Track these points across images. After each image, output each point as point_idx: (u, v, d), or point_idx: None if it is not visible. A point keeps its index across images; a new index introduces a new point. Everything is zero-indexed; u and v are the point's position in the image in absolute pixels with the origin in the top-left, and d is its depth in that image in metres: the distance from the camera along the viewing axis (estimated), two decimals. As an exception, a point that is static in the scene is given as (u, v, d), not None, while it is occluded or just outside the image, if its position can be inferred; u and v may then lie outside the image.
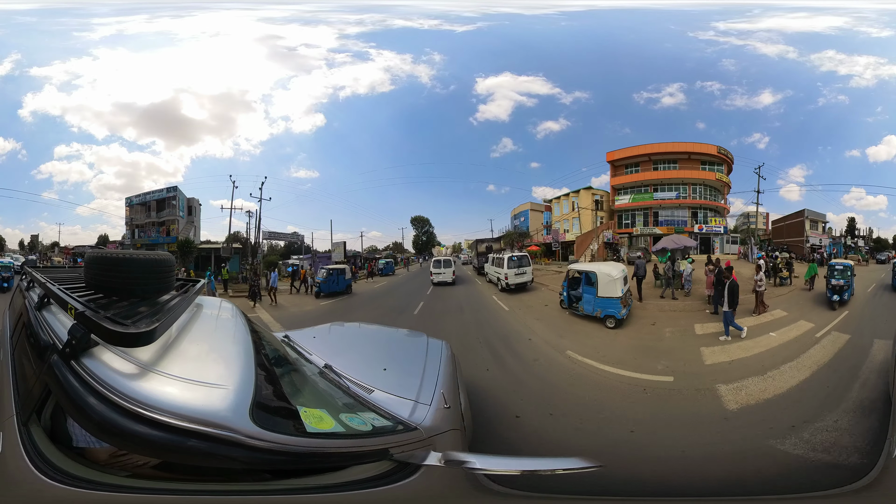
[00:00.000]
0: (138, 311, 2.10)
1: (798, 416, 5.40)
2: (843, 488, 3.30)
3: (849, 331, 9.13)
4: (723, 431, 5.42)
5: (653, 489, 4.04)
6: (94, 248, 28.98)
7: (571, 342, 9.59)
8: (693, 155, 26.41)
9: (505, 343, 9.62)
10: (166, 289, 2.66)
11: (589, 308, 11.13)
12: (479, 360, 8.10)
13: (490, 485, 2.17)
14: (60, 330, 1.83)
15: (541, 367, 8.09)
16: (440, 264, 21.50)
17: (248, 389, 1.70)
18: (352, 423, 2.03)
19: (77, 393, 1.47)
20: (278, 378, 2.31)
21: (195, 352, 2.04)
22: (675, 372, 7.35)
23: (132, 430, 1.41)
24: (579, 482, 2.94)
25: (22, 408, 1.72)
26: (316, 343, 3.69)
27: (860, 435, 4.78)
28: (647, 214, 27.47)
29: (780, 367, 7.25)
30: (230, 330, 2.62)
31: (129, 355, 1.66)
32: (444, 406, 2.58)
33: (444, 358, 3.65)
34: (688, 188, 26.61)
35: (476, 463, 1.83)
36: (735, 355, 8.05)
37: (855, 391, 5.98)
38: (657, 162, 27.11)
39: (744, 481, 4.19)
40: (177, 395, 1.53)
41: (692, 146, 26.74)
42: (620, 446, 4.96)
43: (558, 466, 1.96)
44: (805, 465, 4.41)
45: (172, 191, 29.40)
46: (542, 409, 5.97)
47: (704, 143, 26.99)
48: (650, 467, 4.42)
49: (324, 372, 2.82)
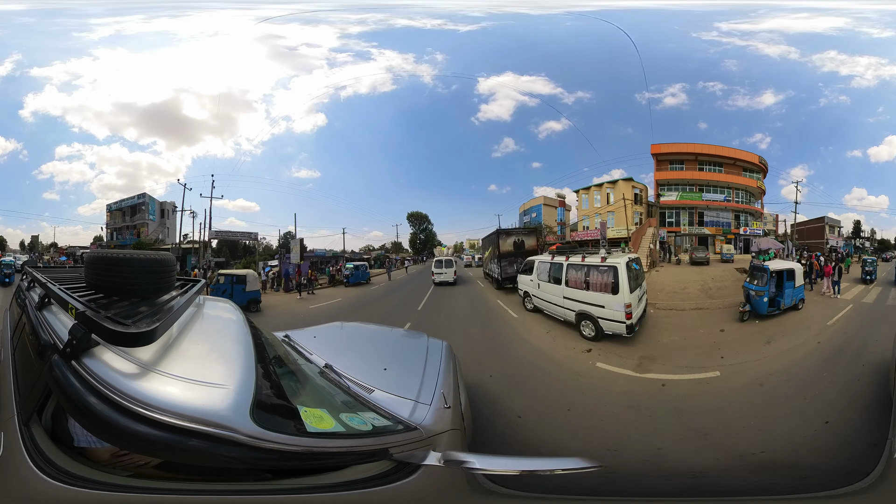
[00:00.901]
0: (139, 310, 2.10)
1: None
2: (845, 489, 3.30)
3: (880, 284, 15.15)
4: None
5: (653, 489, 4.04)
6: (83, 249, 31.36)
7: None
8: (738, 161, 27.46)
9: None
10: (167, 288, 2.66)
11: (789, 301, 10.81)
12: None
13: (489, 485, 2.17)
14: (61, 330, 1.84)
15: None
16: (442, 264, 21.50)
17: (249, 389, 1.71)
18: (352, 423, 2.03)
19: (78, 393, 1.47)
20: (279, 378, 2.32)
21: (196, 351, 2.05)
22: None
23: (133, 430, 1.41)
24: (578, 483, 2.95)
25: (23, 407, 1.72)
26: (316, 343, 3.70)
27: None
28: (691, 214, 27.49)
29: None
30: (231, 329, 2.62)
31: (129, 355, 1.66)
32: (444, 406, 2.59)
33: (444, 358, 3.65)
34: (731, 192, 27.49)
35: (475, 463, 1.83)
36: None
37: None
38: (702, 163, 27.52)
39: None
40: (177, 395, 1.54)
41: (738, 153, 27.70)
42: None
43: (558, 467, 1.96)
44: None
45: (142, 198, 32.44)
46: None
47: (749, 152, 28.25)
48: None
49: (324, 372, 2.82)
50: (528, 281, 12.09)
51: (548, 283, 10.79)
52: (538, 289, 11.29)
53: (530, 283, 11.84)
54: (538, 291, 11.32)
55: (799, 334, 9.34)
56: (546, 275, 10.86)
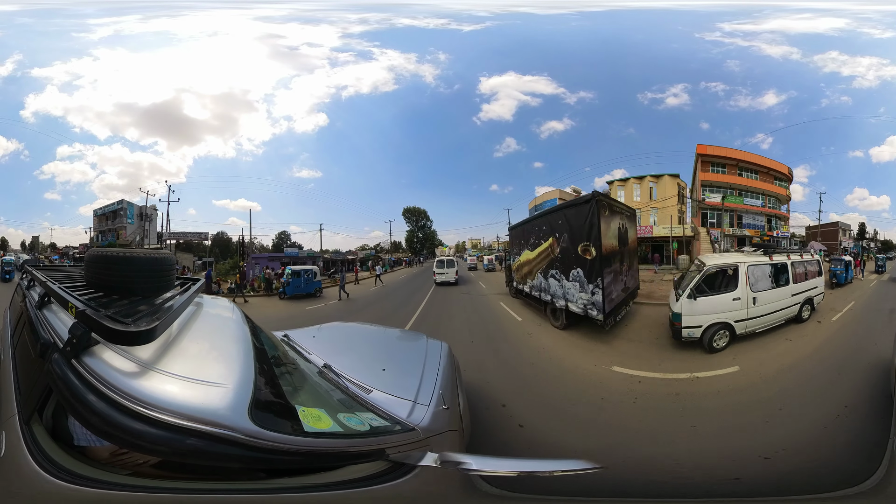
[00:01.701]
0: (138, 309, 2.11)
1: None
2: (847, 490, 3.29)
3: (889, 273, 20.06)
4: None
5: (652, 490, 4.04)
6: (73, 249, 33.29)
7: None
8: (771, 170, 28.81)
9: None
10: (166, 287, 2.67)
11: (850, 276, 16.15)
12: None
13: (485, 486, 2.17)
14: (61, 328, 1.84)
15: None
16: (443, 264, 21.48)
17: (248, 388, 1.72)
18: (350, 423, 2.03)
19: (78, 391, 1.48)
20: (277, 377, 2.32)
21: (195, 350, 2.06)
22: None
23: (132, 429, 1.42)
24: (577, 484, 2.94)
25: (24, 406, 1.73)
26: (315, 342, 3.70)
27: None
28: (731, 216, 28.20)
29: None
30: (230, 329, 2.63)
31: (129, 354, 1.67)
32: (442, 407, 2.59)
33: (443, 359, 3.66)
34: (764, 198, 28.90)
35: (472, 464, 1.83)
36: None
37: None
38: (742, 169, 28.35)
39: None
40: (177, 394, 1.55)
41: (773, 163, 29.10)
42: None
43: (557, 468, 1.95)
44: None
45: (121, 203, 34.70)
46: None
47: (781, 163, 29.58)
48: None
49: (323, 371, 2.83)
50: (729, 302, 7.91)
51: (768, 292, 8.43)
52: (753, 306, 8.08)
53: (734, 302, 7.92)
54: (754, 309, 8.13)
55: (858, 292, 14.95)
56: (766, 281, 8.46)
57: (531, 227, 11.86)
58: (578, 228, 8.91)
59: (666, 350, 8.25)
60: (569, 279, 9.31)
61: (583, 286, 8.81)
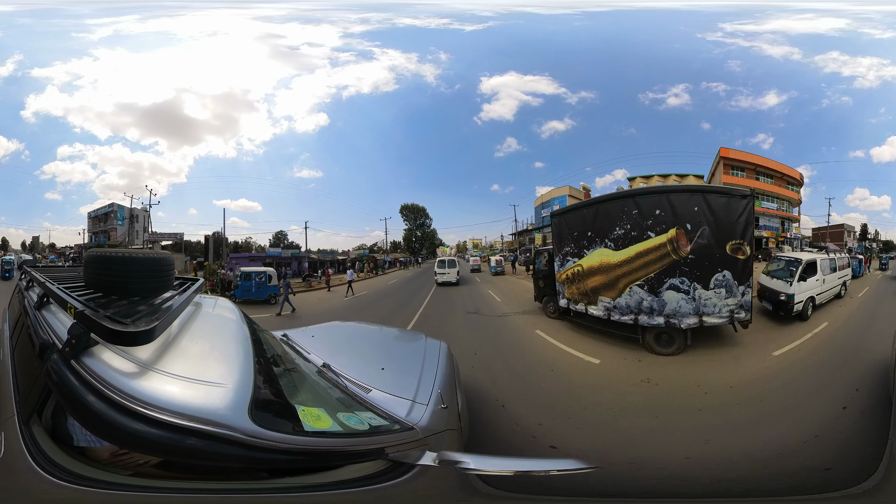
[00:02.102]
0: (138, 309, 2.11)
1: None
2: (846, 491, 3.29)
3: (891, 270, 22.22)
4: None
5: (650, 490, 4.04)
6: (69, 249, 34.16)
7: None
8: (785, 175, 29.93)
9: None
10: (165, 287, 2.67)
11: (861, 271, 17.90)
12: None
13: (482, 486, 2.18)
14: (60, 329, 1.84)
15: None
16: (444, 264, 21.40)
17: (247, 388, 1.72)
18: (349, 422, 2.04)
19: (77, 392, 1.48)
20: (277, 377, 2.33)
21: (194, 350, 2.06)
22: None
23: (132, 429, 1.42)
24: (574, 483, 2.95)
25: (23, 407, 1.73)
26: (314, 342, 3.70)
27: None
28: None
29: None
30: (229, 328, 2.63)
31: (128, 354, 1.67)
32: (441, 406, 2.60)
33: (442, 358, 3.66)
34: (779, 201, 30.18)
35: (470, 463, 1.84)
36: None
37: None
38: (759, 174, 29.14)
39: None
40: (176, 394, 1.55)
41: (786, 168, 30.24)
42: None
43: (553, 467, 1.96)
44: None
45: (112, 206, 35.99)
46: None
47: (795, 169, 30.84)
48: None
49: (322, 371, 2.83)
50: (813, 283, 11.08)
51: (829, 276, 12.35)
52: (823, 285, 11.76)
53: (816, 283, 11.26)
54: (823, 287, 11.79)
55: (870, 281, 18.10)
56: (827, 270, 12.16)
57: (615, 211, 8.27)
58: (728, 224, 7.59)
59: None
60: (709, 287, 7.60)
61: (731, 290, 7.63)
